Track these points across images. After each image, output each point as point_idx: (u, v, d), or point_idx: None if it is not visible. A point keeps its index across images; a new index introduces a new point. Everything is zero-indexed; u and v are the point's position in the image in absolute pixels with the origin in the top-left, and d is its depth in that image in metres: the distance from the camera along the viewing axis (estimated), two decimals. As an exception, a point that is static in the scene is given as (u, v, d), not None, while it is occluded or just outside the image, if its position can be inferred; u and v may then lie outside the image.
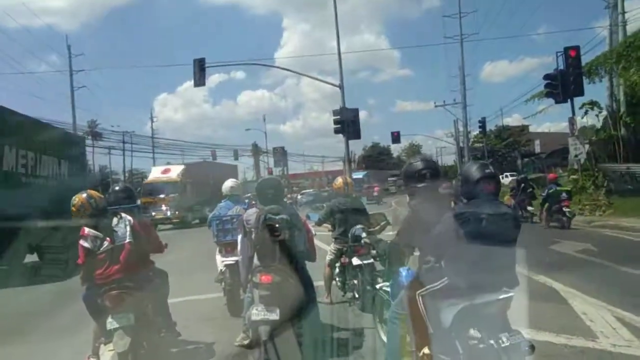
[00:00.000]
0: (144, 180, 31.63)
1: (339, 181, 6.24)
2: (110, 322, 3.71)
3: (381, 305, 4.12)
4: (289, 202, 16.67)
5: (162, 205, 22.77)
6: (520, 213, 12.97)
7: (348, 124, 18.14)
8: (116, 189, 4.82)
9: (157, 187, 23.65)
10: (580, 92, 16.05)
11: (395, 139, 35.65)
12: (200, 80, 18.63)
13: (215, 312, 5.85)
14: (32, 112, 26.02)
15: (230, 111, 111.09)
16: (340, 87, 19.77)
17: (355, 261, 5.47)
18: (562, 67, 15.85)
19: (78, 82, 35.52)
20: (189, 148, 49.30)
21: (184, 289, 6.42)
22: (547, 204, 12.83)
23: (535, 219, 14.06)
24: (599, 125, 18.99)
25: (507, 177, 31.91)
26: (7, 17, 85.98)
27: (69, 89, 34.57)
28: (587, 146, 16.87)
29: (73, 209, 3.96)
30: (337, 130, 18.46)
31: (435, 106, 38.36)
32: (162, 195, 23.11)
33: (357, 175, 39.71)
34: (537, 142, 49.16)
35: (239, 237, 4.29)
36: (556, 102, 16.58)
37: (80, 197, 3.99)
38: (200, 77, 18.44)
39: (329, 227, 6.06)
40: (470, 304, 2.69)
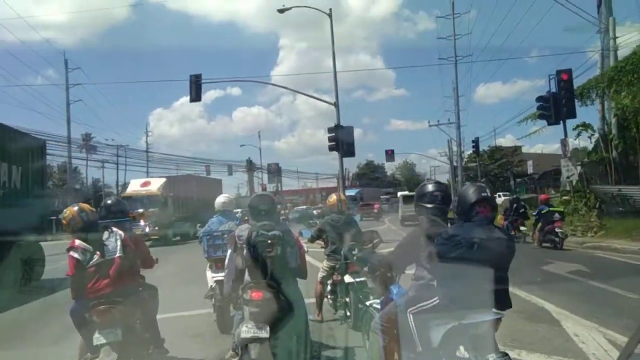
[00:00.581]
0: (121, 193, 30.01)
1: (332, 198, 6.25)
2: (97, 338, 3.65)
3: (370, 322, 4.09)
4: (282, 219, 16.67)
5: (141, 220, 20.66)
6: (512, 233, 13.01)
7: (343, 142, 18.19)
8: (108, 202, 4.76)
9: (135, 201, 21.24)
10: (572, 115, 16.24)
11: (390, 157, 35.79)
12: (196, 96, 18.64)
13: (204, 328, 5.77)
14: (28, 125, 25.99)
15: (226, 127, 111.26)
16: (336, 105, 19.86)
17: (348, 278, 5.44)
18: (554, 90, 16.08)
19: (75, 95, 35.71)
20: (183, 163, 49.05)
21: (173, 304, 6.31)
22: (539, 224, 12.92)
23: (527, 239, 14.16)
24: (590, 147, 19.21)
25: (500, 196, 32.07)
26: (6, 30, 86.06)
27: (65, 102, 34.63)
28: (579, 168, 17.00)
29: (64, 221, 3.94)
30: (331, 148, 18.45)
31: (430, 125, 38.63)
32: (140, 210, 21.13)
33: (351, 193, 39.77)
34: (529, 162, 49.49)
35: (228, 251, 4.26)
36: (549, 124, 16.75)
37: (71, 210, 3.97)
38: (197, 93, 18.48)
39: (322, 244, 6.04)
40: (459, 323, 2.70)
